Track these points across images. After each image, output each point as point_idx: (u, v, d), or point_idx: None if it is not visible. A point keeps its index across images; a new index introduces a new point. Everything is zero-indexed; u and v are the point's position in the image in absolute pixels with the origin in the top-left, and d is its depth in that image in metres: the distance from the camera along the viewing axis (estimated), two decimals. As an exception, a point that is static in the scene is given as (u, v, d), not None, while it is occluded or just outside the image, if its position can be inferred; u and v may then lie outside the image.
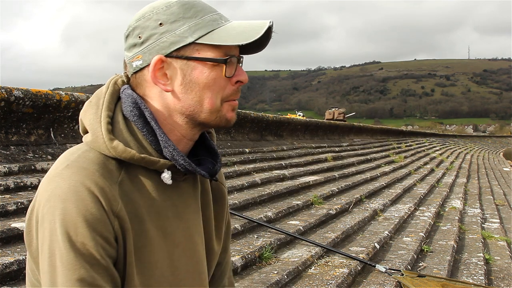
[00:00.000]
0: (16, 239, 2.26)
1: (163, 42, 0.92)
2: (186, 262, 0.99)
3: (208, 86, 0.94)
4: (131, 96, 0.95)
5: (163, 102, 0.95)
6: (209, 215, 1.10)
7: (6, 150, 3.31)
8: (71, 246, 0.83)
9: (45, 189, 0.87)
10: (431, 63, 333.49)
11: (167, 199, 0.97)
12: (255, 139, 7.53)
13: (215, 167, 1.03)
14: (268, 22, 0.93)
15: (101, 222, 0.85)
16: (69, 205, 0.84)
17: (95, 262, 0.84)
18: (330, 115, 35.63)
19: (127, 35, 0.96)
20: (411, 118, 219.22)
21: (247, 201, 4.00)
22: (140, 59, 0.94)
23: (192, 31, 0.92)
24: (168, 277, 0.96)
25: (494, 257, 4.56)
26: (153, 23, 0.93)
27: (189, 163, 0.95)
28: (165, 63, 0.92)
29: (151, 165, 0.93)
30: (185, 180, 1.01)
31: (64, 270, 0.82)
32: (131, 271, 0.90)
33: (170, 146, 0.94)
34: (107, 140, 0.90)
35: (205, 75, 0.93)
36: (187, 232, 1.00)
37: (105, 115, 0.93)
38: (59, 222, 0.83)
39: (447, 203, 7.02)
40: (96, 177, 0.87)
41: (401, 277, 3.12)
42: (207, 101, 0.94)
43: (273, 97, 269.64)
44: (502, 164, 21.48)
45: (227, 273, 1.20)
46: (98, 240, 0.85)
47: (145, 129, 0.94)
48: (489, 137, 62.18)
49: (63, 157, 0.92)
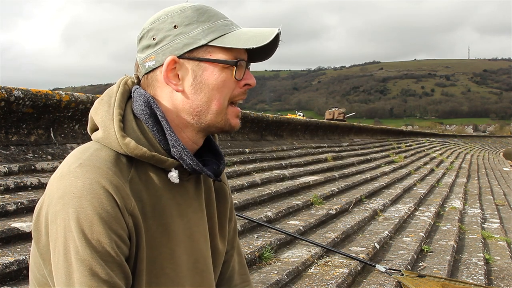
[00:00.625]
0: (16, 239, 2.26)
1: (177, 44, 0.95)
2: (187, 260, 1.01)
3: (218, 87, 0.97)
4: (144, 95, 0.98)
5: (173, 102, 0.98)
6: (213, 214, 1.11)
7: (6, 150, 3.31)
8: (86, 243, 0.84)
9: (58, 187, 0.88)
10: (431, 63, 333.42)
11: (172, 198, 0.99)
12: (255, 139, 7.53)
13: (219, 167, 1.05)
14: (277, 29, 0.97)
15: (116, 220, 0.87)
16: (84, 203, 0.85)
17: (110, 259, 0.85)
18: (330, 115, 35.64)
19: (141, 37, 1.00)
20: (411, 118, 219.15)
21: (247, 201, 4.00)
22: (153, 59, 0.97)
23: (205, 33, 0.96)
24: (170, 273, 0.97)
25: (494, 257, 4.56)
26: (168, 25, 0.96)
27: (197, 163, 0.97)
28: (177, 63, 0.96)
29: (160, 163, 0.95)
30: (189, 180, 1.03)
31: (80, 267, 0.84)
32: (141, 267, 0.92)
33: (180, 146, 0.96)
34: (120, 137, 0.92)
35: (215, 76, 0.97)
36: (188, 231, 1.02)
37: (117, 113, 0.95)
38: (74, 219, 0.84)
39: (447, 203, 7.02)
40: (110, 175, 0.88)
41: (401, 277, 3.12)
42: (215, 102, 0.98)
43: (273, 97, 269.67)
44: (502, 164, 21.48)
45: (236, 270, 1.21)
46: (113, 238, 0.86)
47: (155, 128, 0.97)
48: (489, 137, 62.19)
49: (74, 156, 0.93)
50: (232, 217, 1.21)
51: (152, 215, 0.94)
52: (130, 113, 0.97)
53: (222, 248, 1.14)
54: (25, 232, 2.30)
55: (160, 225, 0.95)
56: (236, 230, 1.23)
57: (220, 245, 1.13)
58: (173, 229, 0.98)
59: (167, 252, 0.96)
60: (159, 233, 0.95)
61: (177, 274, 0.98)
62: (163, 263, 0.96)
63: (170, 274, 0.97)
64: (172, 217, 0.98)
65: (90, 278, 0.83)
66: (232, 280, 1.19)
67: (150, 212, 0.94)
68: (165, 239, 0.96)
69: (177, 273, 0.98)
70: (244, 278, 1.22)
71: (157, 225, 0.95)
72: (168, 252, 0.97)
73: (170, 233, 0.97)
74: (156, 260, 0.94)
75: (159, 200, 0.96)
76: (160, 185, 0.97)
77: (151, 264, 0.94)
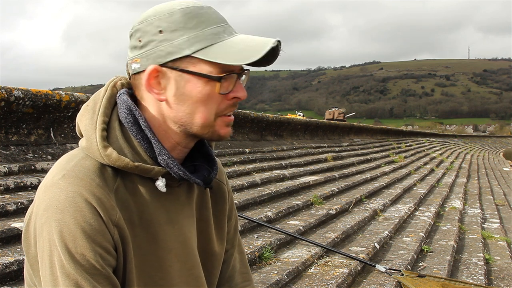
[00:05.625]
0: (16, 239, 2.26)
1: (160, 51, 0.90)
2: (180, 267, 0.99)
3: (201, 101, 0.91)
4: (126, 102, 0.94)
5: (158, 108, 0.94)
6: (207, 217, 1.09)
7: (6, 150, 3.31)
8: (70, 258, 0.83)
9: (43, 199, 0.87)
10: (431, 63, 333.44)
11: (160, 206, 0.96)
12: (255, 139, 7.53)
13: (210, 174, 1.01)
14: (272, 42, 0.89)
15: (100, 233, 0.85)
16: (66, 217, 0.84)
17: (96, 272, 0.84)
18: (330, 115, 35.65)
19: (130, 35, 0.96)
20: (411, 118, 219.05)
21: (247, 201, 4.00)
22: (138, 62, 0.93)
23: (190, 43, 0.89)
24: (158, 282, 0.96)
25: (494, 257, 4.56)
26: (154, 29, 0.91)
27: (184, 172, 0.94)
28: (160, 72, 0.91)
29: (145, 173, 0.93)
30: (180, 186, 1.01)
31: (65, 281, 0.83)
32: (131, 277, 0.91)
33: (165, 154, 0.93)
34: (101, 148, 0.89)
35: (198, 89, 0.91)
36: (180, 238, 0.99)
37: (100, 121, 0.92)
38: (57, 233, 0.84)
39: (447, 203, 7.02)
40: (93, 187, 0.86)
41: (401, 277, 3.12)
42: (199, 115, 0.92)
43: (273, 97, 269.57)
44: (502, 164, 21.47)
45: (237, 269, 1.19)
46: (98, 251, 0.85)
47: (139, 136, 0.93)
48: (489, 137, 62.17)
49: (59, 165, 0.91)
50: (232, 215, 1.18)
51: (139, 224, 0.93)
52: (115, 120, 0.94)
53: (219, 250, 1.12)
54: (25, 232, 2.30)
55: (147, 233, 0.94)
56: (237, 228, 1.21)
57: (217, 248, 1.11)
58: (161, 238, 0.96)
59: (155, 260, 0.95)
60: (146, 241, 0.93)
61: (166, 282, 0.96)
62: (151, 271, 0.94)
63: (159, 282, 0.95)
64: (160, 225, 0.95)
65: None
66: (233, 279, 1.17)
67: (137, 221, 0.92)
68: (153, 248, 0.94)
69: (167, 281, 0.97)
70: (245, 277, 1.20)
71: (145, 234, 0.93)
72: (156, 260, 0.95)
73: (159, 241, 0.95)
74: (144, 269, 0.93)
75: (146, 209, 0.94)
76: (148, 193, 0.94)
77: (139, 273, 0.92)
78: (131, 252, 0.90)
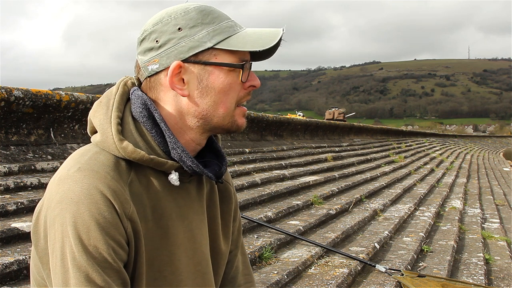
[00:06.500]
0: (16, 239, 2.26)
1: (182, 47, 0.93)
2: (187, 262, 1.00)
3: (224, 91, 0.96)
4: (141, 97, 0.96)
5: (177, 106, 0.96)
6: (215, 215, 1.10)
7: (6, 150, 3.31)
8: (83, 249, 0.83)
9: (56, 191, 0.87)
10: (431, 63, 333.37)
11: (172, 200, 0.98)
12: (255, 139, 7.53)
13: (221, 169, 1.03)
14: (281, 30, 0.95)
15: (114, 226, 0.86)
16: (81, 208, 0.84)
17: (107, 266, 0.85)
18: (330, 115, 35.67)
19: (142, 39, 0.97)
20: (411, 118, 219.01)
21: (247, 201, 4.00)
22: (157, 63, 0.95)
23: (210, 36, 0.93)
24: (168, 276, 0.96)
25: (494, 257, 4.56)
26: (172, 27, 0.94)
27: (197, 165, 0.96)
28: (182, 68, 0.94)
29: (159, 166, 0.94)
30: (190, 182, 1.02)
31: (76, 273, 0.83)
32: (141, 271, 0.91)
33: (179, 148, 0.95)
34: (117, 141, 0.91)
35: (221, 79, 0.95)
36: (189, 233, 1.01)
37: (115, 116, 0.94)
38: (71, 225, 0.84)
39: (447, 203, 7.02)
40: (108, 180, 0.87)
41: (401, 277, 3.12)
42: (222, 105, 0.96)
43: (273, 97, 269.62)
44: (502, 164, 21.47)
45: (240, 270, 1.20)
46: (111, 244, 0.85)
47: (153, 130, 0.95)
48: (489, 137, 62.18)
49: (73, 159, 0.92)
50: (236, 216, 1.19)
51: (152, 218, 0.94)
52: (128, 115, 0.96)
53: (225, 248, 1.13)
54: (25, 232, 2.30)
55: (159, 227, 0.95)
56: (240, 230, 1.22)
57: (223, 246, 1.12)
58: (172, 232, 0.97)
59: (165, 255, 0.95)
60: (158, 235, 0.94)
61: (176, 277, 0.97)
62: (161, 266, 0.95)
63: (169, 277, 0.96)
64: (172, 220, 0.97)
65: (86, 284, 0.83)
66: (235, 280, 1.18)
67: (150, 214, 0.93)
68: (164, 242, 0.95)
69: (176, 276, 0.97)
70: (248, 278, 1.21)
71: (157, 228, 0.94)
72: (167, 255, 0.96)
73: (170, 235, 0.96)
74: (154, 263, 0.94)
75: (159, 203, 0.95)
76: (160, 187, 0.95)
77: (149, 267, 0.93)
78: (143, 246, 0.91)
